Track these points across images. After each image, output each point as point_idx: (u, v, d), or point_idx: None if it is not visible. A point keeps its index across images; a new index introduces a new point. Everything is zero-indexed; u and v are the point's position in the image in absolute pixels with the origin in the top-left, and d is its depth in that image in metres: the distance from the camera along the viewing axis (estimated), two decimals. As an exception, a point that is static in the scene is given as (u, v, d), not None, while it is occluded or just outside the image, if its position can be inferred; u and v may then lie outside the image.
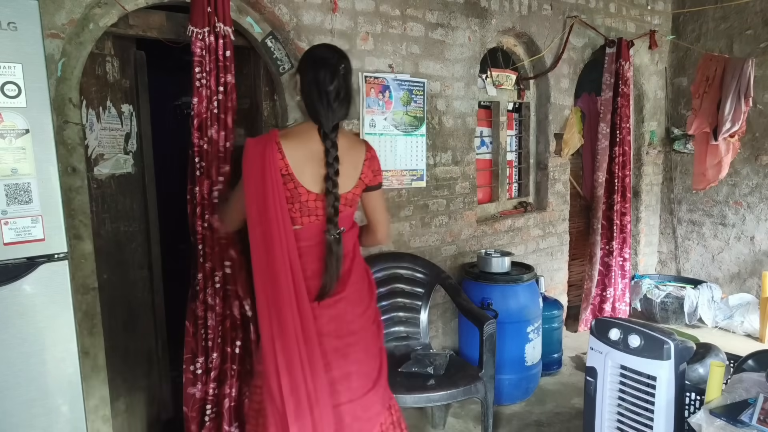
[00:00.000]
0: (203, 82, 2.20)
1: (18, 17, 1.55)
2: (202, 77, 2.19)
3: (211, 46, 2.20)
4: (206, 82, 2.20)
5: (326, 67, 1.73)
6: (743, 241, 4.47)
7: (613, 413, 2.18)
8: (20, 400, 1.63)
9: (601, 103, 4.05)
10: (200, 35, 2.17)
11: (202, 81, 2.20)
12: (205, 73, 2.20)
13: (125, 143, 2.42)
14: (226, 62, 2.24)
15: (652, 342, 2.03)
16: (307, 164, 1.69)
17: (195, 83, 2.19)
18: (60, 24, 1.98)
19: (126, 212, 2.43)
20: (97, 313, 2.20)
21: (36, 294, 1.63)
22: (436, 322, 3.31)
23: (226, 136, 2.26)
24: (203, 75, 2.20)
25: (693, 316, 4.20)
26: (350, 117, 1.94)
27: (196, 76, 2.19)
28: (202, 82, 2.20)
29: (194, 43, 2.17)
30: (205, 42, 2.18)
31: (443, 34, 3.16)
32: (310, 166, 1.69)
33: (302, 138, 1.72)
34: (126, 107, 2.41)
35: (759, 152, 4.31)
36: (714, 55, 4.19)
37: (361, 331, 1.83)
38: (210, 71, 2.20)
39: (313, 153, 1.70)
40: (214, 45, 2.20)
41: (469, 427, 2.86)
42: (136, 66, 2.41)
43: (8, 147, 1.57)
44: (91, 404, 2.21)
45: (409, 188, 3.11)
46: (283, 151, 1.66)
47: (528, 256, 3.82)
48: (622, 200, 4.18)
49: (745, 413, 1.68)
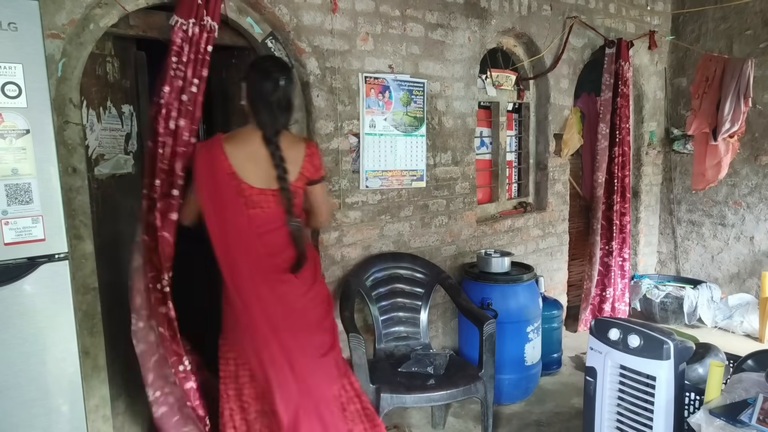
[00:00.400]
0: (178, 73, 2.13)
1: (18, 17, 1.56)
2: (177, 67, 2.13)
3: (194, 38, 2.14)
4: (181, 73, 2.13)
5: (270, 80, 1.96)
6: (743, 242, 4.47)
7: (612, 413, 2.19)
8: (20, 400, 1.63)
9: (600, 103, 4.06)
10: (184, 26, 2.12)
11: (177, 72, 2.13)
12: (181, 64, 2.13)
13: (126, 143, 2.42)
14: (206, 56, 2.19)
15: (651, 342, 2.03)
16: (248, 163, 1.94)
17: (169, 72, 2.12)
18: (60, 24, 1.98)
19: (127, 213, 2.42)
20: (97, 313, 2.20)
21: (36, 294, 1.64)
22: (436, 322, 3.31)
23: (191, 130, 2.17)
24: (179, 65, 2.13)
25: (692, 316, 4.20)
26: (290, 123, 2.13)
27: (172, 65, 2.12)
28: (176, 73, 2.13)
29: (176, 33, 2.12)
30: (187, 33, 2.13)
31: (443, 34, 3.16)
32: (251, 165, 1.94)
33: (244, 141, 1.96)
34: (126, 107, 2.40)
35: (758, 152, 4.32)
36: (713, 55, 4.20)
37: (313, 302, 2.10)
38: (187, 62, 2.14)
39: (254, 153, 1.95)
40: (198, 37, 2.15)
41: (469, 426, 2.86)
42: (136, 66, 2.41)
43: (9, 147, 1.57)
44: (92, 404, 2.21)
45: (409, 188, 3.11)
46: (226, 153, 1.92)
47: (528, 256, 3.82)
48: (622, 200, 4.18)
49: (744, 413, 1.68)
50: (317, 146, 2.19)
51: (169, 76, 2.12)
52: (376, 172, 2.95)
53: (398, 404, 2.37)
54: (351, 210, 2.89)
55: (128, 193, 2.43)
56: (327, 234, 2.81)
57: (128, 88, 2.40)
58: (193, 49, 2.16)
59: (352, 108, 2.83)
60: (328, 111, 2.75)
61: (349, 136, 2.84)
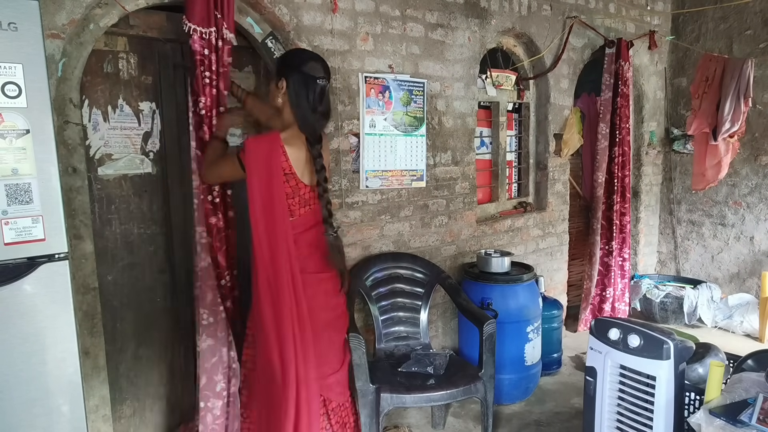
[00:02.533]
0: (211, 82, 2.17)
1: (18, 18, 1.56)
2: (209, 77, 2.17)
3: (219, 51, 2.19)
4: (215, 83, 2.18)
5: (316, 85, 1.98)
6: (743, 241, 4.47)
7: (612, 413, 2.19)
8: (21, 400, 1.63)
9: (600, 103, 4.06)
10: (204, 35, 2.14)
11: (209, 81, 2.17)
12: (211, 73, 2.17)
13: (143, 142, 2.38)
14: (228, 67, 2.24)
15: (651, 342, 2.03)
16: (303, 164, 1.98)
17: (201, 82, 2.15)
18: (60, 24, 1.98)
19: (141, 214, 2.39)
20: (97, 313, 2.20)
21: (36, 294, 1.64)
22: (436, 322, 3.31)
23: None
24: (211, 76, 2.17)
25: (692, 316, 4.20)
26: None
27: (203, 76, 2.15)
28: (209, 82, 2.17)
29: (194, 41, 2.13)
30: (210, 42, 2.16)
31: (443, 34, 3.16)
32: (306, 166, 1.99)
33: (299, 142, 1.98)
34: (145, 105, 2.37)
35: (758, 152, 4.32)
36: (713, 55, 4.20)
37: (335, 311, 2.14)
38: (218, 75, 2.19)
39: (306, 155, 1.99)
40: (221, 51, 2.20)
41: (469, 426, 2.86)
42: (159, 62, 2.35)
43: (9, 147, 1.57)
44: (92, 404, 2.21)
45: (409, 188, 3.11)
46: (287, 154, 1.92)
47: (528, 256, 3.83)
48: (622, 200, 4.18)
49: (744, 413, 1.68)
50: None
51: (202, 86, 2.15)
52: (376, 172, 2.95)
53: (398, 404, 2.37)
54: (351, 210, 2.89)
55: (144, 194, 2.39)
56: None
57: (149, 85, 2.34)
58: (218, 60, 2.18)
59: (352, 108, 2.83)
60: (328, 111, 2.75)
61: (349, 136, 2.84)
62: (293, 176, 1.94)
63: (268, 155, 1.90)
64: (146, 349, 2.46)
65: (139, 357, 2.44)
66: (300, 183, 1.96)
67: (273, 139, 1.92)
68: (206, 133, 2.18)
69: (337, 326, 2.16)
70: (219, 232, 2.24)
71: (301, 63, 1.99)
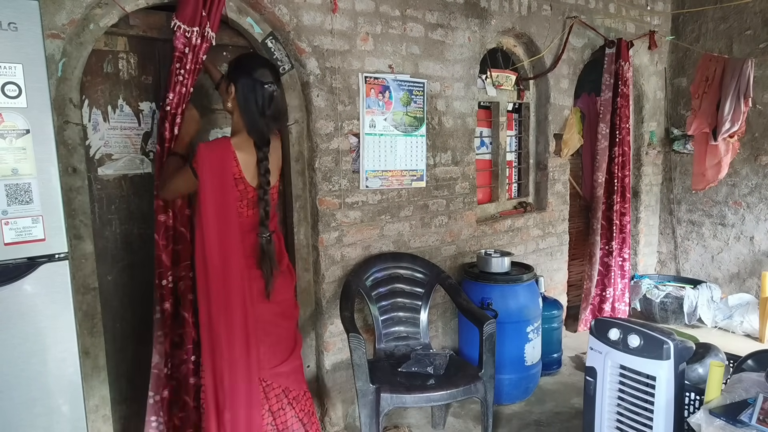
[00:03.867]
0: (181, 79, 2.15)
1: (18, 18, 1.56)
2: (182, 74, 2.15)
3: (196, 48, 2.17)
4: (186, 80, 2.16)
5: (263, 90, 2.00)
6: (743, 241, 4.47)
7: (612, 413, 2.19)
8: (21, 400, 1.63)
9: (600, 103, 4.06)
10: (187, 33, 2.13)
11: (181, 78, 2.15)
12: (185, 70, 2.16)
13: (143, 142, 2.38)
14: (201, 65, 2.24)
15: (651, 342, 2.03)
16: (251, 168, 2.01)
17: (173, 79, 2.13)
18: (60, 24, 1.98)
19: (141, 214, 2.38)
20: (97, 313, 2.20)
21: (36, 294, 1.64)
22: (436, 322, 3.31)
23: None
24: (182, 72, 2.15)
25: (692, 316, 4.20)
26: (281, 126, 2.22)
27: (176, 72, 2.14)
28: (180, 79, 2.15)
29: (178, 38, 2.13)
30: (190, 41, 2.15)
31: (443, 34, 3.16)
32: (255, 169, 2.02)
33: (248, 146, 2.00)
34: (145, 105, 2.36)
35: (758, 152, 4.32)
36: (713, 55, 4.20)
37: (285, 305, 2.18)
38: (189, 71, 2.17)
39: (252, 158, 2.01)
40: (199, 47, 2.18)
41: (469, 426, 2.86)
42: (159, 62, 2.35)
43: (9, 147, 1.57)
44: (92, 404, 2.21)
45: (409, 188, 3.11)
46: (237, 159, 1.96)
47: (528, 256, 3.83)
48: (622, 200, 4.18)
49: (744, 413, 1.68)
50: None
51: (173, 83, 2.14)
52: (376, 172, 2.95)
53: (398, 404, 2.37)
54: (351, 210, 2.89)
55: (144, 195, 2.38)
56: (327, 234, 2.81)
57: (149, 85, 2.34)
58: (194, 59, 2.18)
59: (352, 108, 2.83)
60: (328, 111, 2.75)
61: (349, 136, 2.84)
62: (242, 180, 1.98)
63: (221, 162, 1.94)
64: (146, 349, 2.45)
65: (139, 357, 2.44)
66: (249, 186, 2.00)
67: (225, 146, 1.96)
68: (167, 130, 2.15)
69: (286, 315, 2.18)
70: (167, 230, 2.21)
71: (249, 69, 2.02)
